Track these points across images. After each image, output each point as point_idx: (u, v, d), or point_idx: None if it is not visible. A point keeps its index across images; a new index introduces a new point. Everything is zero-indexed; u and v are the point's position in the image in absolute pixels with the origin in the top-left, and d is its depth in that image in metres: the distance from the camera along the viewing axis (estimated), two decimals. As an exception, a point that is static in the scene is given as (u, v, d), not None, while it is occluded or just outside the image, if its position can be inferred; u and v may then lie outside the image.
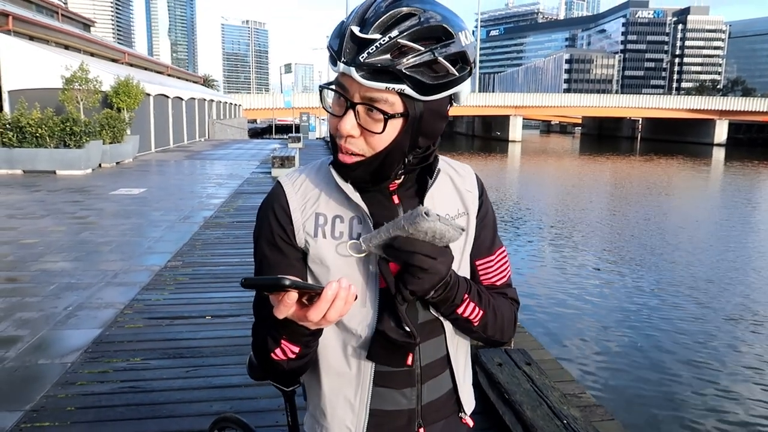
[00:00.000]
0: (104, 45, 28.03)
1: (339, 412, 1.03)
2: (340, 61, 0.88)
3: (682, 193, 23.36)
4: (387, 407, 1.03)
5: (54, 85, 15.44)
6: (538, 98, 72.55)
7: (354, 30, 0.87)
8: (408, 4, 0.88)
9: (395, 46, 0.85)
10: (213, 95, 37.61)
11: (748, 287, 9.35)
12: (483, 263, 1.11)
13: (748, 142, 69.35)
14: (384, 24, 0.86)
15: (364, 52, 0.86)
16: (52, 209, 8.97)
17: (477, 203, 1.10)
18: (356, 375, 1.02)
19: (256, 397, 3.18)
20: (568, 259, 11.12)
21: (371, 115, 0.91)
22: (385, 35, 0.85)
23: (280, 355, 0.95)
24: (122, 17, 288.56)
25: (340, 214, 1.01)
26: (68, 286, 5.09)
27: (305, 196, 1.02)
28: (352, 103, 0.91)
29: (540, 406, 2.68)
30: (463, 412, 1.13)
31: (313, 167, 1.08)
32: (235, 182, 13.02)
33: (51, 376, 3.34)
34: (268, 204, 1.04)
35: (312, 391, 1.08)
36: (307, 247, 1.01)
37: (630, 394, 5.57)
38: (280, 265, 1.01)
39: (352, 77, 0.87)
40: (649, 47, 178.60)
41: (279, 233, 1.01)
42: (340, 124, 0.93)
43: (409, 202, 1.02)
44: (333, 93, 0.95)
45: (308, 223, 1.00)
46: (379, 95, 0.89)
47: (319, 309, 0.80)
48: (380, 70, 0.86)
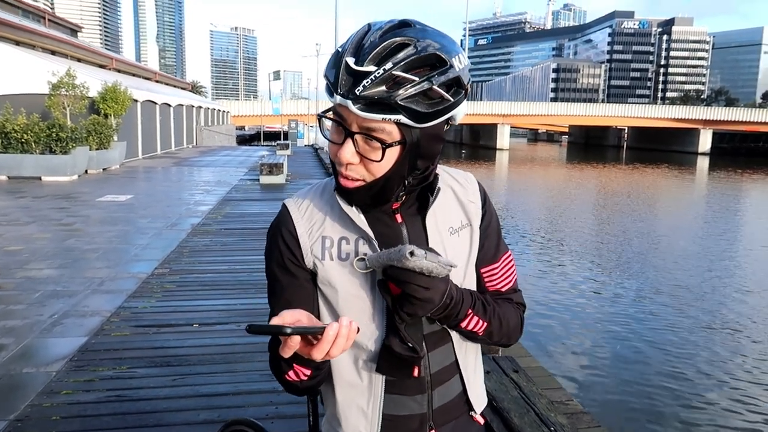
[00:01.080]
0: (91, 50, 27.85)
1: (353, 420, 1.07)
2: (336, 93, 0.90)
3: (668, 202, 23.62)
4: (399, 412, 1.06)
5: (40, 91, 15.31)
6: (526, 107, 73.17)
7: (349, 62, 0.88)
8: (403, 33, 0.89)
9: (390, 78, 0.87)
10: (201, 102, 37.48)
11: (732, 297, 9.47)
12: (488, 271, 1.13)
13: (731, 151, 70.35)
14: (378, 55, 0.87)
15: (360, 85, 0.87)
16: (38, 216, 8.88)
17: (480, 213, 1.12)
18: (368, 386, 1.05)
19: (244, 405, 3.17)
20: (555, 268, 11.19)
21: (369, 143, 0.93)
22: (380, 67, 0.87)
23: (293, 377, 1.00)
24: (110, 23, 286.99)
25: (346, 236, 1.03)
26: (54, 294, 5.04)
27: (311, 219, 1.05)
28: (350, 132, 0.93)
29: (527, 413, 2.69)
30: (473, 411, 1.15)
31: (317, 190, 1.10)
32: (223, 189, 12.97)
33: (36, 385, 3.31)
34: (276, 228, 1.07)
35: (327, 400, 1.12)
36: (316, 269, 1.04)
37: (616, 401, 5.61)
38: (291, 287, 1.05)
39: (349, 109, 0.89)
40: (635, 57, 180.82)
41: (288, 257, 1.04)
42: (339, 152, 0.95)
43: (412, 220, 1.05)
44: (331, 121, 0.97)
45: (315, 246, 1.03)
46: (376, 125, 0.91)
47: (321, 349, 0.84)
48: (376, 102, 0.88)
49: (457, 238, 1.08)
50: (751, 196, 27.42)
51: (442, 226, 1.07)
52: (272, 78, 47.90)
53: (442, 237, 1.06)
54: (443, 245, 1.05)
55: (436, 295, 0.93)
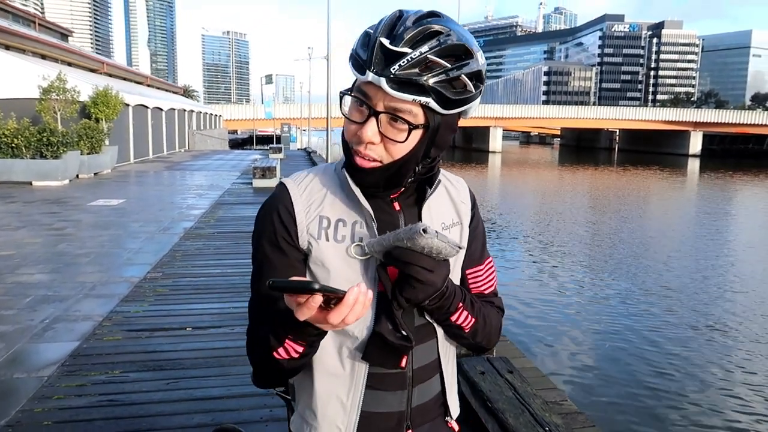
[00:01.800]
0: (82, 55, 27.74)
1: (330, 411, 1.04)
2: (370, 71, 0.90)
3: (659, 203, 23.76)
4: (378, 409, 1.05)
5: (31, 95, 15.22)
6: (518, 110, 73.45)
7: (384, 42, 0.89)
8: (435, 22, 0.91)
9: (424, 61, 0.89)
10: (193, 106, 37.38)
11: (721, 297, 9.53)
12: (473, 272, 1.15)
13: (721, 153, 70.93)
14: (413, 39, 0.89)
15: (395, 65, 0.88)
16: (28, 221, 8.82)
17: (470, 214, 1.15)
18: (350, 376, 1.03)
19: (237, 408, 3.15)
20: (548, 269, 11.22)
21: (394, 124, 0.94)
22: (415, 50, 0.88)
23: (282, 354, 0.95)
24: (101, 27, 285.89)
25: (344, 218, 1.02)
26: (45, 299, 5.00)
27: (310, 198, 1.04)
28: (375, 111, 0.93)
29: (522, 414, 2.69)
30: (449, 416, 1.15)
31: (318, 170, 1.09)
32: (216, 193, 12.93)
33: (27, 390, 3.27)
34: (271, 205, 1.05)
35: (303, 391, 1.09)
36: (310, 248, 1.02)
37: (610, 401, 5.62)
38: (281, 266, 1.02)
39: (381, 87, 0.90)
40: (625, 60, 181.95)
41: (282, 234, 1.02)
42: (361, 131, 0.94)
43: (409, 210, 1.06)
44: (352, 100, 0.97)
45: (312, 225, 1.02)
46: (404, 106, 0.92)
47: (340, 312, 0.81)
48: (408, 83, 0.89)
49: (448, 233, 1.09)
50: (741, 198, 27.64)
51: (435, 220, 1.08)
52: (264, 82, 47.82)
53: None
54: None
55: (439, 278, 0.94)
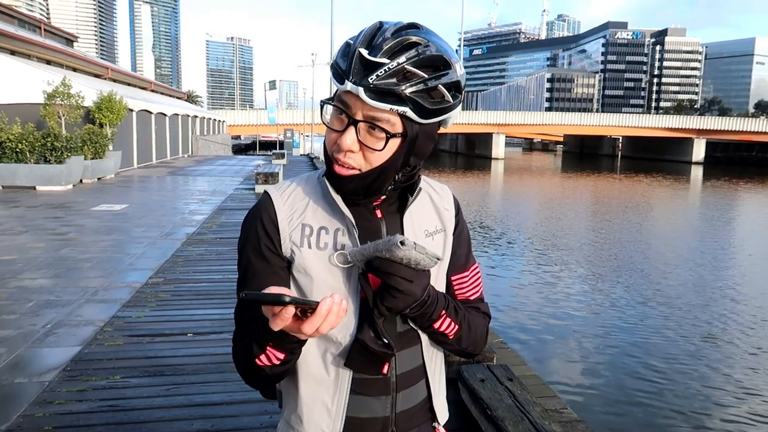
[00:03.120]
0: (87, 60, 27.88)
1: (315, 416, 1.05)
2: (348, 80, 0.93)
3: (662, 211, 23.71)
4: (362, 415, 1.06)
5: (35, 100, 15.30)
6: (521, 116, 73.52)
7: (363, 53, 0.91)
8: (414, 33, 0.94)
9: (401, 71, 0.91)
10: (197, 111, 37.49)
11: (724, 305, 9.50)
12: (458, 279, 1.16)
13: (725, 160, 70.78)
14: (392, 50, 0.92)
15: (373, 75, 0.91)
16: (32, 225, 8.85)
17: (454, 221, 1.16)
18: (334, 381, 1.04)
19: (238, 415, 3.16)
20: (550, 277, 11.21)
21: (372, 133, 0.96)
22: (393, 60, 0.91)
23: (264, 361, 0.97)
24: (105, 32, 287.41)
25: (326, 226, 1.04)
26: (47, 303, 5.02)
27: (293, 206, 1.05)
28: (353, 120, 0.95)
29: (522, 422, 2.69)
30: (437, 422, 1.15)
31: (301, 179, 1.11)
32: (219, 198, 12.96)
33: (28, 395, 3.28)
34: (255, 214, 1.07)
35: (289, 396, 1.10)
36: (293, 256, 1.03)
37: (610, 409, 5.61)
38: (264, 273, 1.03)
39: (359, 96, 0.92)
40: (629, 67, 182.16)
41: (266, 242, 1.04)
42: (340, 139, 0.97)
43: (391, 217, 1.07)
44: (333, 108, 0.99)
45: (295, 233, 1.03)
46: (381, 115, 0.94)
47: (312, 323, 0.83)
48: (386, 92, 0.91)
49: (431, 241, 1.10)
50: (745, 206, 27.57)
51: (418, 227, 1.09)
52: (268, 87, 47.96)
53: (417, 238, 1.08)
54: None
55: (419, 288, 0.96)
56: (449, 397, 3.66)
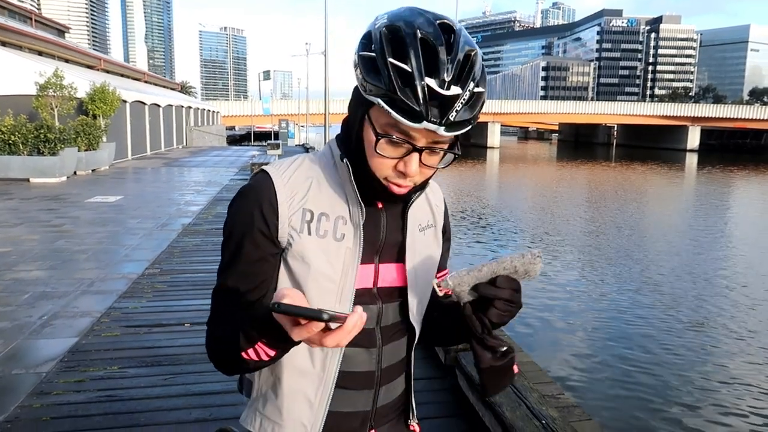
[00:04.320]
0: (79, 51, 27.65)
1: (296, 409, 1.01)
2: (427, 121, 0.85)
3: (657, 199, 23.79)
4: (344, 409, 1.04)
5: (27, 92, 15.19)
6: (516, 105, 73.49)
7: (434, 87, 0.84)
8: (464, 41, 0.88)
9: (473, 97, 0.88)
10: (191, 102, 37.31)
11: (719, 292, 9.56)
12: (442, 276, 1.13)
13: (720, 147, 71.02)
14: (461, 74, 0.86)
15: (452, 111, 0.85)
16: (26, 217, 8.81)
17: (443, 218, 1.16)
18: (320, 374, 1.00)
19: (236, 403, 3.16)
20: (546, 265, 11.24)
21: (433, 152, 0.93)
22: (465, 89, 0.86)
23: (252, 356, 0.89)
24: (97, 23, 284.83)
25: (327, 212, 0.99)
26: (43, 295, 5.00)
27: (294, 189, 0.99)
28: (418, 148, 0.90)
29: (519, 407, 2.70)
30: (411, 418, 1.14)
31: (302, 161, 1.04)
32: (214, 189, 12.93)
33: (25, 387, 3.28)
34: (252, 195, 0.98)
35: (267, 388, 1.05)
36: (291, 242, 0.97)
37: (606, 394, 5.65)
38: (253, 259, 0.97)
39: (437, 132, 0.87)
40: (624, 55, 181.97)
41: (260, 227, 0.96)
42: (405, 168, 0.92)
43: (391, 209, 1.04)
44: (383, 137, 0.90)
45: (295, 217, 0.97)
46: (445, 138, 0.90)
47: (337, 337, 0.78)
48: (461, 122, 0.88)
49: (423, 235, 1.09)
50: (739, 193, 27.67)
51: (415, 221, 1.08)
52: (262, 78, 47.77)
53: (414, 231, 1.07)
54: (414, 239, 1.06)
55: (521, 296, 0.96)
56: (447, 384, 3.67)
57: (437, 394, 3.32)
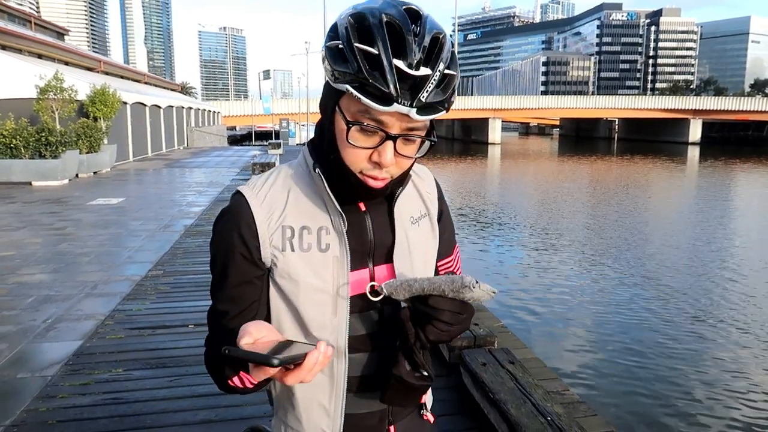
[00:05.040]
0: (79, 53, 27.67)
1: (314, 417, 1.03)
2: (397, 103, 0.83)
3: (659, 193, 23.74)
4: (360, 410, 1.04)
5: (28, 95, 15.21)
6: (516, 101, 73.27)
7: (402, 68, 0.82)
8: (431, 26, 0.86)
9: (444, 78, 0.86)
10: (191, 103, 37.31)
11: (723, 286, 9.54)
12: (444, 264, 1.15)
13: (721, 140, 70.83)
14: (429, 56, 0.84)
15: (423, 92, 0.83)
16: (28, 221, 8.82)
17: (437, 205, 1.13)
18: (329, 382, 1.01)
19: (242, 404, 3.17)
20: (549, 260, 11.23)
21: (408, 141, 0.90)
22: (434, 69, 0.84)
23: (237, 383, 0.93)
24: (97, 25, 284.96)
25: (308, 225, 0.97)
26: (47, 299, 5.02)
27: (271, 207, 0.98)
28: (392, 135, 0.88)
29: (524, 404, 2.71)
30: (425, 408, 1.15)
31: (276, 175, 1.03)
32: (216, 190, 12.94)
33: (31, 390, 3.29)
34: (230, 219, 0.98)
35: (284, 398, 1.07)
36: (275, 262, 0.97)
37: (612, 390, 5.64)
38: (239, 282, 0.98)
39: (409, 116, 0.85)
40: (624, 49, 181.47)
41: (242, 251, 0.96)
42: (380, 158, 0.89)
43: (376, 209, 1.02)
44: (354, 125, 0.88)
45: (275, 236, 0.96)
46: (420, 124, 0.88)
47: (297, 376, 0.80)
48: (433, 105, 0.86)
49: (417, 227, 1.07)
50: (741, 185, 27.60)
51: (404, 215, 1.05)
52: (262, 77, 47.74)
53: (405, 227, 1.05)
54: (406, 235, 1.04)
55: (469, 320, 0.93)
56: (451, 382, 3.66)
57: (441, 392, 3.32)
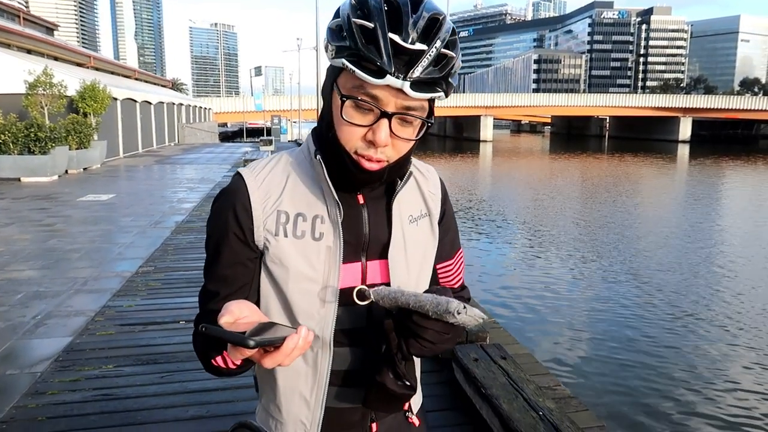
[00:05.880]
0: (68, 49, 27.43)
1: (294, 408, 1.02)
2: (391, 76, 0.82)
3: (649, 190, 23.89)
4: (342, 405, 1.02)
5: (17, 90, 15.06)
6: (508, 98, 73.49)
7: (397, 40, 0.82)
8: (432, 7, 0.86)
9: (441, 58, 0.85)
10: (182, 99, 37.10)
11: (713, 282, 9.62)
12: (444, 267, 1.12)
13: (711, 138, 71.38)
14: (426, 33, 0.84)
15: (418, 66, 0.83)
16: (17, 217, 8.74)
17: (440, 205, 1.10)
18: (312, 373, 1.00)
19: (232, 400, 3.16)
20: (541, 256, 11.28)
21: (405, 122, 0.89)
22: (431, 46, 0.83)
23: (220, 363, 0.92)
24: (86, 21, 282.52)
25: (303, 212, 0.97)
26: (36, 295, 4.97)
27: (268, 191, 0.97)
28: (386, 113, 0.86)
29: (516, 399, 2.71)
30: (410, 412, 1.12)
31: (278, 160, 1.03)
32: (207, 186, 12.87)
33: (20, 387, 3.26)
34: (227, 198, 0.98)
35: (266, 385, 1.06)
36: (267, 245, 0.96)
37: (603, 385, 5.68)
38: (231, 262, 0.97)
39: (403, 90, 0.83)
40: (615, 47, 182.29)
41: (236, 231, 0.96)
42: (374, 136, 0.87)
43: (375, 203, 1.01)
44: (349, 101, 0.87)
45: (269, 220, 0.96)
46: (416, 103, 0.87)
47: (274, 359, 0.78)
48: (429, 82, 0.85)
49: (415, 227, 1.05)
50: (730, 184, 27.82)
51: (404, 213, 1.03)
52: (254, 74, 47.56)
53: (403, 224, 1.02)
54: (403, 233, 1.02)
55: (454, 340, 0.90)
56: (443, 377, 3.66)
57: (434, 387, 3.32)
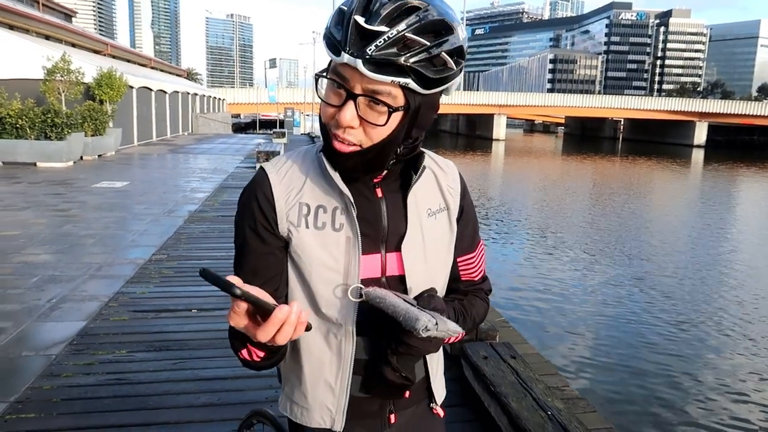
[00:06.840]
0: (86, 36, 27.62)
1: (320, 394, 1.06)
2: (344, 52, 0.85)
3: (662, 194, 23.70)
4: (361, 394, 1.06)
5: (35, 76, 15.19)
6: (522, 97, 73.06)
7: (359, 21, 0.84)
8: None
9: (402, 40, 0.84)
10: (196, 89, 37.25)
11: (723, 287, 9.55)
12: (464, 260, 1.13)
13: (727, 144, 70.51)
14: (390, 16, 0.84)
15: (372, 45, 0.84)
16: (33, 201, 8.85)
17: (458, 200, 1.12)
18: (337, 360, 1.03)
19: (244, 389, 3.19)
20: (551, 257, 11.25)
21: (373, 107, 0.90)
22: (392, 28, 0.84)
23: (246, 356, 0.95)
24: (104, 8, 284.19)
25: (324, 204, 1.00)
26: (51, 279, 5.04)
27: (290, 184, 1.01)
28: (352, 94, 0.89)
29: (525, 398, 2.72)
30: (434, 402, 1.15)
31: (299, 155, 1.06)
32: (220, 176, 12.94)
33: (35, 368, 3.32)
34: (251, 191, 1.03)
35: (292, 374, 1.10)
36: (290, 236, 1.00)
37: (611, 387, 5.67)
38: (260, 252, 1.01)
39: (357, 69, 0.85)
40: (632, 49, 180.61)
41: (261, 221, 1.00)
42: (339, 114, 0.90)
43: (392, 196, 1.03)
44: (329, 81, 0.92)
45: (292, 212, 1.00)
46: (382, 88, 0.87)
47: (266, 331, 0.78)
48: (386, 63, 0.85)
49: (434, 220, 1.07)
50: (746, 190, 27.53)
51: (421, 206, 1.06)
52: (268, 66, 47.57)
53: (421, 217, 1.05)
54: (421, 225, 1.05)
55: (436, 347, 0.99)
56: (452, 374, 3.67)
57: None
